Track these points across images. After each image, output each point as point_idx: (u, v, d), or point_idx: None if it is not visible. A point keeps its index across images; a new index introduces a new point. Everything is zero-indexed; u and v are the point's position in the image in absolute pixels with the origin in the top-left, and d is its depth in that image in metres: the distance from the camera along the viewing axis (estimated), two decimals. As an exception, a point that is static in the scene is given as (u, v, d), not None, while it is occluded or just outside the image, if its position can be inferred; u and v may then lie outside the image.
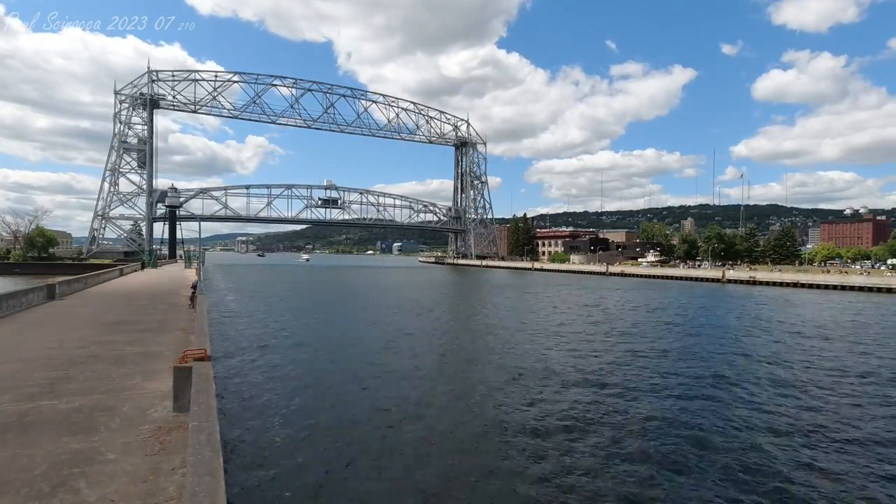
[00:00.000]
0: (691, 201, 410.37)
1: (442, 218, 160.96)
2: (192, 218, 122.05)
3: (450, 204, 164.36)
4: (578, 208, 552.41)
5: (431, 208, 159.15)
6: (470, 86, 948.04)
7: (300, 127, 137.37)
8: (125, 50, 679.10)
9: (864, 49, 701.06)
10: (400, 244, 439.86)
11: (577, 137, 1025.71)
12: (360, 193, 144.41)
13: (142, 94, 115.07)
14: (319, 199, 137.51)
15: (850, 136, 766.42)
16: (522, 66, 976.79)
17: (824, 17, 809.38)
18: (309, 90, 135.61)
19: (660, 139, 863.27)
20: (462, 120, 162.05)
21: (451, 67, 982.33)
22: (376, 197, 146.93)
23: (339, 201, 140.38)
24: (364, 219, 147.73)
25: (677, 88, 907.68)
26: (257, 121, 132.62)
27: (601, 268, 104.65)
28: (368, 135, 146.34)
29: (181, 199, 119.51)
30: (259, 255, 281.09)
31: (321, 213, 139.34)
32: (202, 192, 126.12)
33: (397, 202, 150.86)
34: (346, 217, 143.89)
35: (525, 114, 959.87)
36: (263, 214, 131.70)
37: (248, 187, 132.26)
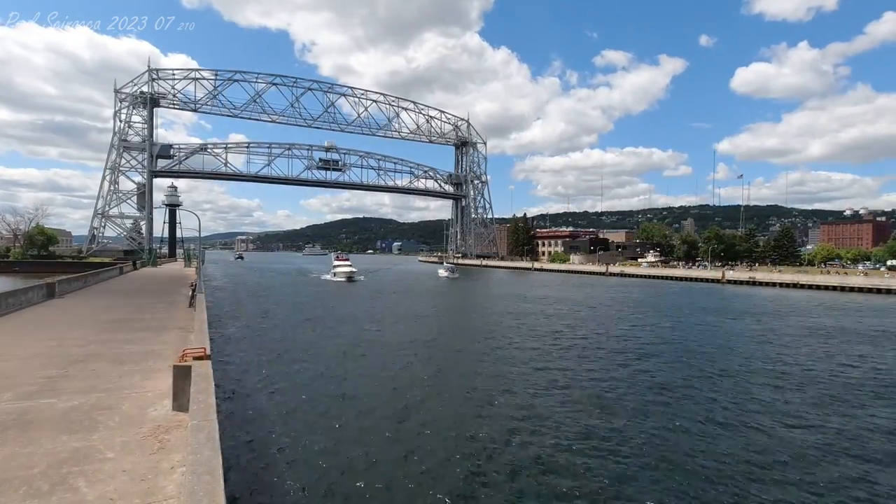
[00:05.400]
0: (685, 201, 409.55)
1: (443, 185, 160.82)
2: (192, 174, 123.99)
3: (451, 170, 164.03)
4: (578, 208, 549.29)
5: (432, 174, 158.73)
6: (446, 79, 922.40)
7: (300, 126, 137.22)
8: (78, 41, 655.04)
9: (846, 37, 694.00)
10: (400, 244, 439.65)
11: (564, 133, 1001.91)
12: (361, 157, 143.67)
13: (142, 92, 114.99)
14: (320, 159, 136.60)
15: (839, 132, 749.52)
16: (504, 60, 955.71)
17: (804, 5, 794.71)
18: (309, 89, 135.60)
19: (648, 135, 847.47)
20: (462, 119, 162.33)
21: (421, 59, 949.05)
22: (377, 161, 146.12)
23: (340, 163, 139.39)
24: (364, 183, 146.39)
25: (665, 82, 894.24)
26: (258, 120, 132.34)
27: (601, 268, 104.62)
28: (369, 134, 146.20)
29: (183, 156, 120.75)
30: (238, 258, 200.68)
31: (321, 175, 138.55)
32: (202, 149, 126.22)
33: (398, 167, 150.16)
34: (346, 180, 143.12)
35: (507, 109, 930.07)
36: (265, 173, 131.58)
37: (248, 144, 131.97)
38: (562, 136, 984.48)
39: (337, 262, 78.33)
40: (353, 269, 74.59)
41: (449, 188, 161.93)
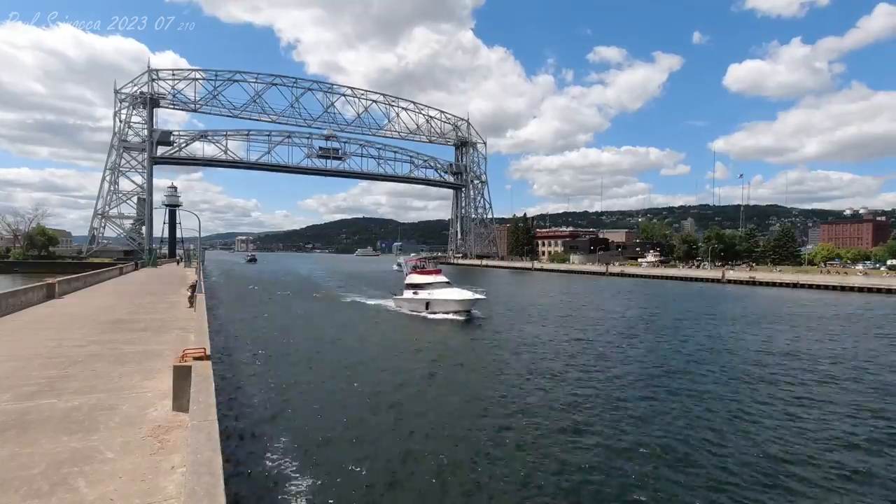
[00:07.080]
0: (684, 201, 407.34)
1: (443, 174, 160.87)
2: (192, 161, 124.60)
3: (451, 160, 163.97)
4: (577, 208, 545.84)
5: (432, 164, 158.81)
6: (438, 77, 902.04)
7: (300, 126, 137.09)
8: (65, 40, 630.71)
9: (838, 32, 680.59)
10: (400, 244, 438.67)
11: (560, 132, 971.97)
12: (361, 146, 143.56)
13: (142, 93, 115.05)
14: (320, 147, 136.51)
15: (835, 130, 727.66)
16: (499, 58, 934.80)
17: (798, 0, 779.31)
18: (309, 90, 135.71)
19: (645, 134, 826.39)
20: (462, 119, 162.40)
21: (412, 56, 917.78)
22: (377, 150, 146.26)
23: (340, 151, 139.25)
24: (364, 171, 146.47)
25: (660, 79, 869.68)
26: (257, 120, 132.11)
27: (601, 268, 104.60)
28: (368, 134, 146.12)
29: (183, 143, 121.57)
30: (250, 260, 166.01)
31: (321, 164, 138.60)
32: (202, 137, 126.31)
33: (398, 156, 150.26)
34: (346, 168, 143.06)
35: (502, 108, 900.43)
36: (264, 160, 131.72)
37: (248, 132, 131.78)
38: (557, 134, 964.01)
39: (424, 278, 38.07)
40: (476, 296, 34.42)
41: (449, 178, 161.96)
